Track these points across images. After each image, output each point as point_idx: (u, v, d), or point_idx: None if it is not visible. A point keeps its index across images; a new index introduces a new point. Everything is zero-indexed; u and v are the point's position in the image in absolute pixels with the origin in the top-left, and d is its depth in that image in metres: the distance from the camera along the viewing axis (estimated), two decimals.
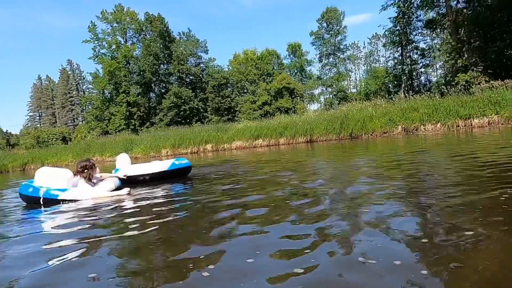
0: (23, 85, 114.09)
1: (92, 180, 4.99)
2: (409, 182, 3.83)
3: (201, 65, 41.18)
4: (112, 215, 3.64)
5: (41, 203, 4.60)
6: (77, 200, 4.69)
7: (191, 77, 40.01)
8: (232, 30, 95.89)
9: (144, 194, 4.92)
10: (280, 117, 23.76)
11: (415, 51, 31.41)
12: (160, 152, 21.50)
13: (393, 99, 21.01)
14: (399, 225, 2.29)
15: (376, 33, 57.26)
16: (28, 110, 79.18)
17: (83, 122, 55.26)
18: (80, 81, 73.36)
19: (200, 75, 40.14)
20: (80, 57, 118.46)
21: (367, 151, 9.44)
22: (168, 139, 22.22)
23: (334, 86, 36.65)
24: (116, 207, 4.10)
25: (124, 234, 2.80)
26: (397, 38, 30.67)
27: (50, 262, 2.25)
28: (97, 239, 2.74)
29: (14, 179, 13.77)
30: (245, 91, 39.54)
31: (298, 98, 37.87)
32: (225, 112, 38.34)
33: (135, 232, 2.82)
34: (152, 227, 2.91)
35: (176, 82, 39.64)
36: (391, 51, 33.21)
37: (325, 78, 37.97)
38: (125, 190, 4.99)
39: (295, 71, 41.82)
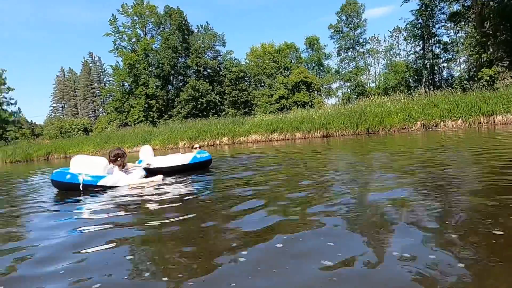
0: (47, 77, 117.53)
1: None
2: (432, 178, 3.79)
3: (219, 58, 41.32)
4: (147, 202, 3.86)
5: (81, 189, 4.70)
6: (115, 187, 4.86)
7: (208, 70, 40.25)
8: (250, 23, 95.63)
9: (174, 183, 5.10)
10: (296, 111, 23.71)
11: (437, 45, 30.51)
12: (178, 144, 21.86)
13: (413, 94, 20.58)
14: (430, 221, 2.28)
15: (397, 26, 55.90)
16: (51, 101, 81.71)
17: (104, 113, 56.55)
18: (101, 73, 74.94)
19: (218, 68, 40.31)
20: (101, 50, 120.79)
21: (385, 147, 9.35)
22: (185, 131, 22.54)
23: (352, 80, 36.07)
24: (151, 194, 4.31)
25: (156, 220, 3.01)
26: (419, 31, 29.85)
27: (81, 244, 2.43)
28: (129, 221, 2.99)
29: (42, 167, 14.36)
30: (262, 84, 39.51)
31: (316, 92, 37.57)
32: (242, 106, 38.45)
33: (172, 219, 3.01)
34: (185, 214, 3.10)
35: (193, 75, 40.00)
36: (412, 45, 32.38)
37: (343, 72, 37.40)
38: (159, 177, 5.21)
39: (313, 65, 41.42)
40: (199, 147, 7.35)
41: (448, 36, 30.98)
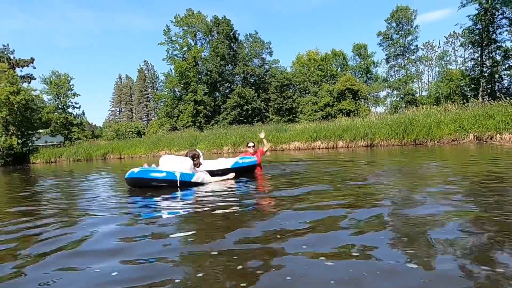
0: (108, 83, 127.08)
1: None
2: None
3: (265, 66, 42.02)
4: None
5: (178, 185, 5.16)
6: (203, 184, 5.50)
7: (255, 78, 41.08)
8: (297, 29, 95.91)
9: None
10: (340, 120, 23.44)
11: (498, 51, 28.36)
12: (222, 149, 22.62)
13: (468, 104, 19.33)
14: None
15: (454, 31, 52.83)
16: (110, 105, 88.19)
17: (156, 117, 59.77)
18: (154, 80, 79.48)
19: (264, 76, 41.00)
20: (155, 57, 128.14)
21: (439, 159, 9.07)
22: (229, 137, 23.24)
23: (401, 88, 34.68)
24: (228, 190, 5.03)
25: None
26: (477, 37, 28.01)
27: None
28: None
29: (100, 166, 15.74)
30: (307, 92, 39.43)
31: (362, 100, 36.70)
32: (286, 113, 38.65)
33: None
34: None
35: (240, 82, 41.09)
36: (470, 51, 30.41)
37: (391, 80, 36.12)
38: (231, 174, 5.98)
39: (360, 72, 40.55)
40: (253, 146, 7.30)
41: (511, 42, 28.70)
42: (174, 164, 5.38)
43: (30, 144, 31.29)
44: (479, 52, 28.81)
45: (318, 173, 6.78)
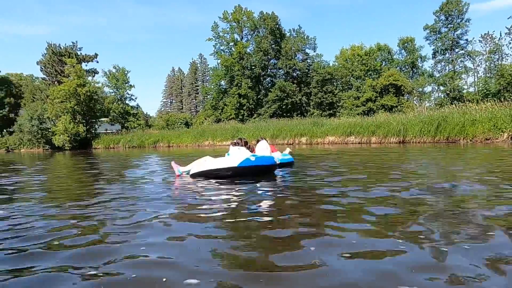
0: (162, 75, 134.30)
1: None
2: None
3: (308, 60, 42.38)
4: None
5: (277, 167, 6.08)
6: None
7: (297, 72, 41.69)
8: (343, 22, 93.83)
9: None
10: (376, 116, 23.58)
11: None
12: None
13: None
14: None
15: None
16: (162, 96, 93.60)
17: (203, 109, 62.84)
18: (206, 73, 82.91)
19: (306, 70, 41.43)
20: (207, 52, 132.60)
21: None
22: (268, 129, 24.50)
23: (447, 84, 33.27)
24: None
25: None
26: None
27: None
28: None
29: (152, 152, 17.84)
30: (350, 86, 39.24)
31: (406, 95, 35.88)
32: (327, 107, 38.82)
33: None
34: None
35: (282, 77, 41.98)
36: None
37: (438, 75, 34.72)
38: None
39: (406, 67, 39.40)
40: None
41: None
42: (265, 150, 6.20)
43: (93, 131, 35.20)
44: None
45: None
